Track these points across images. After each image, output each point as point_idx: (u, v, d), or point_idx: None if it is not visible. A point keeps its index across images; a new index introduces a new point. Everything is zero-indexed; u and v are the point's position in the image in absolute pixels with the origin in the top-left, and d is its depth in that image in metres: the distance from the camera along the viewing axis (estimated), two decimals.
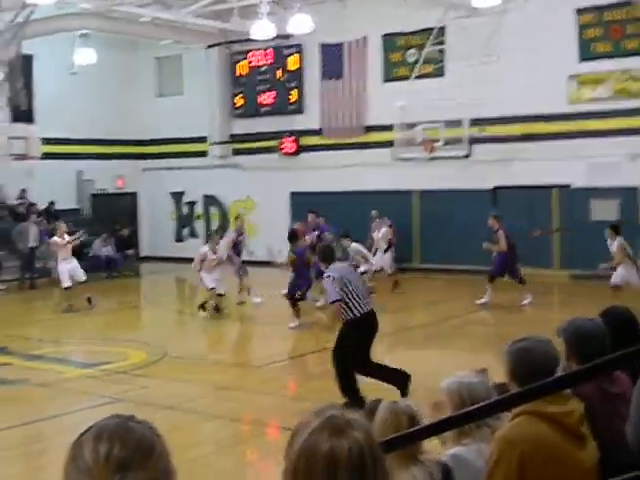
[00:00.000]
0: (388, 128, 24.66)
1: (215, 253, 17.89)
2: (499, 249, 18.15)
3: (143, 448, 1.72)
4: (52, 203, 27.26)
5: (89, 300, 19.09)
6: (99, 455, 1.68)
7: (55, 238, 19.42)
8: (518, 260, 18.51)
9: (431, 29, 23.81)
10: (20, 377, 12.54)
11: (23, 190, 26.89)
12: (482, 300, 17.87)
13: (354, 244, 19.28)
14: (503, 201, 23.39)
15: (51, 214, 26.84)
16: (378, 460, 1.93)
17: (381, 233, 20.93)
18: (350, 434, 1.90)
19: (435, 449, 4.37)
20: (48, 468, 8.74)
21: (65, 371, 13.12)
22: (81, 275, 19.34)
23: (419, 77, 24.08)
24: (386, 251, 20.99)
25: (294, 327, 15.95)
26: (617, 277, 16.49)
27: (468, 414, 3.18)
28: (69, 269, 19.08)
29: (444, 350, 14.58)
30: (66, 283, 19.02)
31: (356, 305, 9.92)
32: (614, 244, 16.53)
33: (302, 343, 15.93)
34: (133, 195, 30.94)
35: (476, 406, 3.30)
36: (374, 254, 20.78)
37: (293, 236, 17.21)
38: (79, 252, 26.44)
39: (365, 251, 19.63)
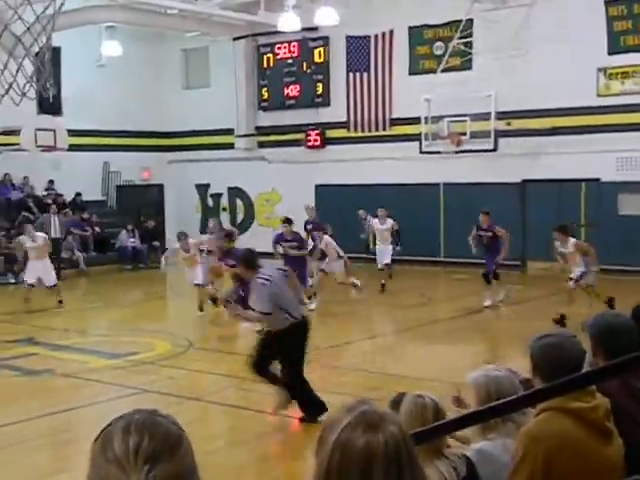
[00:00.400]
0: (414, 121, 24.59)
1: (187, 252, 17.59)
2: (504, 242, 17.62)
3: (170, 441, 1.73)
4: (79, 194, 27.45)
5: (60, 302, 18.42)
6: (128, 447, 1.69)
7: (22, 237, 18.89)
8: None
9: (458, 21, 23.69)
10: (46, 367, 12.64)
11: (50, 181, 27.09)
12: (499, 297, 17.58)
13: (327, 237, 18.66)
14: (531, 195, 23.29)
15: (77, 205, 27.04)
16: (412, 454, 1.94)
17: (386, 225, 20.27)
18: (385, 428, 1.90)
19: (456, 443, 4.36)
20: (75, 457, 8.81)
21: (91, 361, 13.21)
22: (50, 280, 18.43)
23: (446, 70, 23.98)
24: (391, 243, 20.40)
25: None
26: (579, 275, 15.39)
27: (494, 409, 3.17)
28: (38, 269, 18.27)
29: (465, 345, 14.55)
30: (29, 280, 18.28)
31: (293, 310, 9.54)
32: (568, 245, 15.41)
33: (324, 337, 15.95)
34: (159, 187, 31.05)
35: (502, 401, 3.29)
36: (374, 246, 20.56)
37: (230, 236, 16.67)
38: (105, 243, 26.75)
39: (337, 247, 18.84)
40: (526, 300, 18.18)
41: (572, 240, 15.42)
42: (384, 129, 26.03)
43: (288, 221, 18.51)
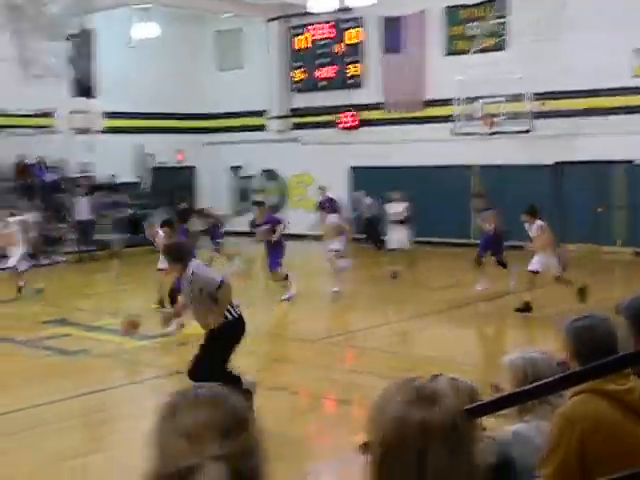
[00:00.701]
0: (448, 102, 24.43)
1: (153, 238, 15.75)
2: (487, 229, 17.25)
3: (240, 417, 1.71)
4: (113, 176, 27.59)
5: (19, 290, 17.34)
6: (200, 420, 1.66)
7: None
8: (503, 241, 17.43)
9: (493, 1, 23.48)
10: (80, 348, 12.73)
11: (85, 164, 27.25)
12: (480, 287, 16.99)
13: (330, 216, 17.90)
14: (566, 176, 23.09)
15: (111, 187, 27.19)
16: (468, 428, 1.93)
17: (401, 207, 19.42)
18: (441, 402, 1.88)
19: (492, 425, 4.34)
20: (109, 437, 8.89)
21: (124, 342, 13.27)
22: (9, 261, 17.43)
23: (480, 51, 23.79)
24: (402, 222, 19.44)
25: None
26: (536, 264, 14.77)
27: (530, 391, 3.14)
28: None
29: (496, 327, 14.50)
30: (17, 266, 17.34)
31: (229, 307, 8.63)
32: (533, 227, 14.80)
33: (351, 319, 15.97)
34: (193, 169, 31.14)
35: (539, 383, 3.26)
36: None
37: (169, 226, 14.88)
38: (139, 225, 26.87)
39: (342, 224, 17.87)
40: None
41: (538, 222, 14.85)
42: (418, 110, 25.88)
43: (258, 204, 18.03)
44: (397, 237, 19.41)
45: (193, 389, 1.77)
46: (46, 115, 25.64)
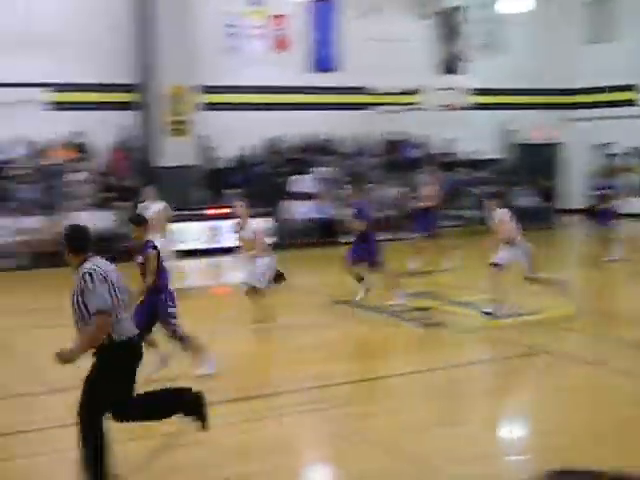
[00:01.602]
0: None
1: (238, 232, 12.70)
2: None
3: None
4: (474, 153, 27.66)
5: None
6: None
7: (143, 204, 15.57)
8: None
9: None
10: (443, 321, 12.90)
11: (449, 140, 27.59)
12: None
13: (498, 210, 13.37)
14: None
15: (473, 164, 27.39)
16: None
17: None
18: None
19: None
20: (463, 413, 8.90)
21: (480, 318, 13.25)
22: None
23: None
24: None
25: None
26: (502, 258, 13.03)
27: None
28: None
29: None
30: None
31: (126, 321, 6.37)
32: (495, 216, 13.10)
33: None
34: (557, 146, 30.39)
35: None
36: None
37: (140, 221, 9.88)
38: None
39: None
40: None
41: (498, 212, 13.23)
42: None
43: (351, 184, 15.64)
44: None
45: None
46: (412, 93, 26.33)
